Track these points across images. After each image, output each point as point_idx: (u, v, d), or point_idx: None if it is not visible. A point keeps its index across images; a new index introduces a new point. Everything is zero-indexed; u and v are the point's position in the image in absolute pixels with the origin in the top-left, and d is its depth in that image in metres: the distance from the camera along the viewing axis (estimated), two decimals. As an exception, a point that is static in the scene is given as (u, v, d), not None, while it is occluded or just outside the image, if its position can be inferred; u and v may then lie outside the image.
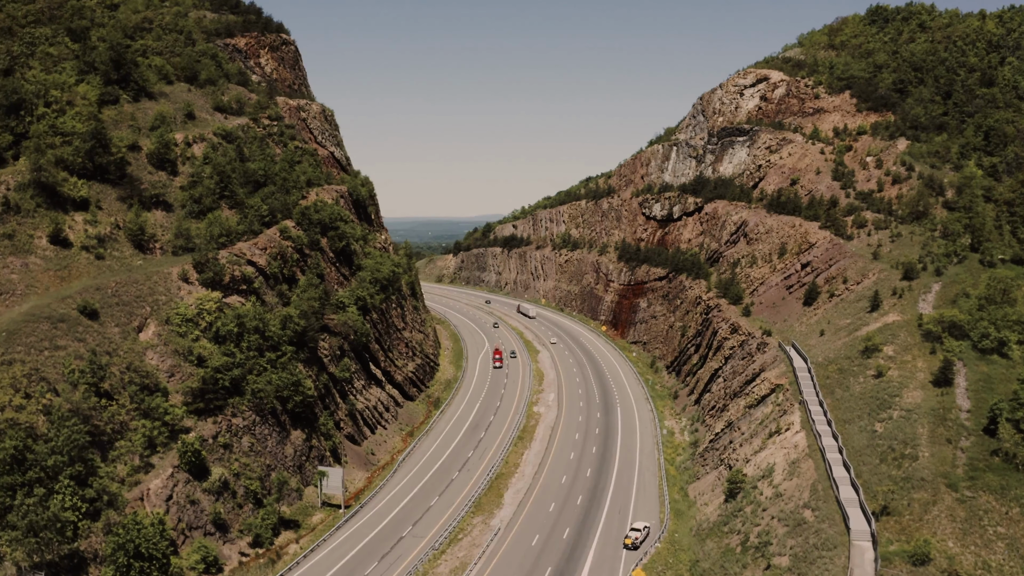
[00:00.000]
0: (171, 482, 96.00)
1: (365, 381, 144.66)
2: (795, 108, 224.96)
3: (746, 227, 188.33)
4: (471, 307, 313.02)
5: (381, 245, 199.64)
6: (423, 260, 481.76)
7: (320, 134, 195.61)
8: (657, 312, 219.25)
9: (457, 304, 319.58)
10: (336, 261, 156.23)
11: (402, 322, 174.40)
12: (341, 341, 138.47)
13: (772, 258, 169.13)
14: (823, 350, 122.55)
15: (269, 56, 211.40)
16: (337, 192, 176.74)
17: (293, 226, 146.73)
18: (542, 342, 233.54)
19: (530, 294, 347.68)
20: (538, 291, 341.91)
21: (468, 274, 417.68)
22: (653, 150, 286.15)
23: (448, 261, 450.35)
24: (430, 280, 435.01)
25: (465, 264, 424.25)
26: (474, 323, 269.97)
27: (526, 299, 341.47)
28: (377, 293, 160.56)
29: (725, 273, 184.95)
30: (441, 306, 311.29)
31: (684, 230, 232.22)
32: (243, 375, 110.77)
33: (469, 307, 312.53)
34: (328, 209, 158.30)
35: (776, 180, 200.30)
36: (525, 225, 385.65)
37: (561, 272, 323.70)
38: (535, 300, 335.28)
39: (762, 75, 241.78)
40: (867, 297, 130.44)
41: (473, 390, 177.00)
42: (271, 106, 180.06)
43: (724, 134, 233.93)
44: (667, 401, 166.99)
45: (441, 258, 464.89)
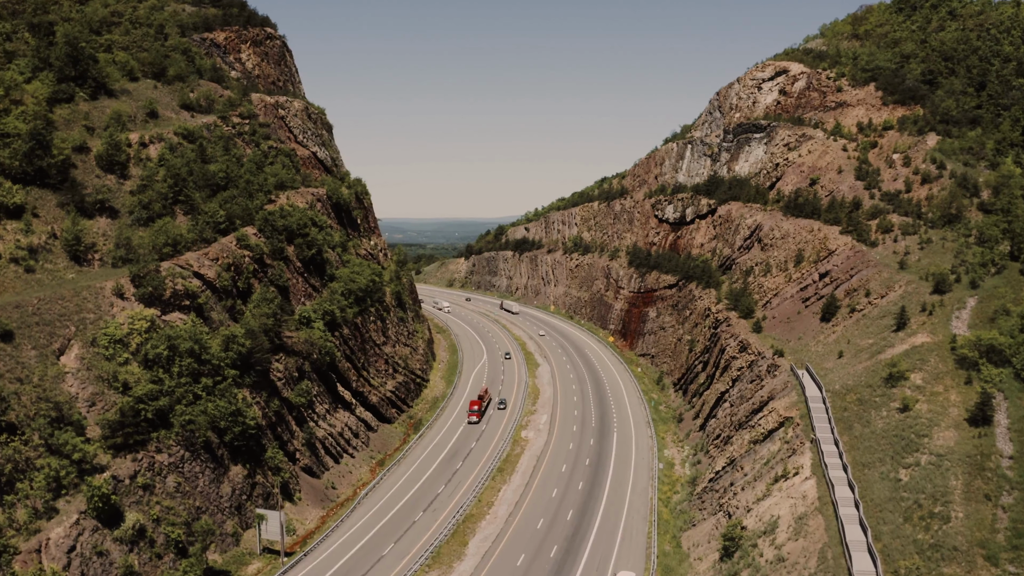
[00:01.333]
0: (75, 530, 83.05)
1: (330, 405, 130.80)
2: (816, 102, 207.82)
3: (760, 231, 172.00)
4: (476, 313, 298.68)
5: (367, 251, 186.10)
6: (435, 264, 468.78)
7: (301, 133, 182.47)
8: (666, 323, 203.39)
9: (462, 311, 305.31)
10: (304, 271, 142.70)
11: (382, 336, 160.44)
12: (300, 361, 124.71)
13: (788, 266, 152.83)
14: (841, 375, 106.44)
15: (251, 51, 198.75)
16: (313, 195, 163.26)
17: (254, 233, 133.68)
18: (544, 354, 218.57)
19: (540, 300, 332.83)
20: (548, 297, 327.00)
21: (479, 278, 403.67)
22: (667, 148, 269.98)
23: (460, 265, 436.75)
24: (441, 284, 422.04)
25: (476, 268, 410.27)
26: (476, 332, 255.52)
27: (511, 297, 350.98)
28: (351, 306, 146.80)
29: (737, 282, 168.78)
30: (444, 313, 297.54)
31: (697, 234, 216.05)
32: (171, 405, 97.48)
33: (474, 314, 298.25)
34: (297, 214, 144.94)
35: (794, 180, 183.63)
36: (537, 228, 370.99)
37: (572, 277, 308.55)
38: (545, 306, 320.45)
39: (781, 67, 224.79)
40: (892, 313, 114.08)
41: (460, 410, 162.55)
42: (244, 103, 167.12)
43: (740, 131, 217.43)
44: (670, 425, 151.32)
45: (453, 261, 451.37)
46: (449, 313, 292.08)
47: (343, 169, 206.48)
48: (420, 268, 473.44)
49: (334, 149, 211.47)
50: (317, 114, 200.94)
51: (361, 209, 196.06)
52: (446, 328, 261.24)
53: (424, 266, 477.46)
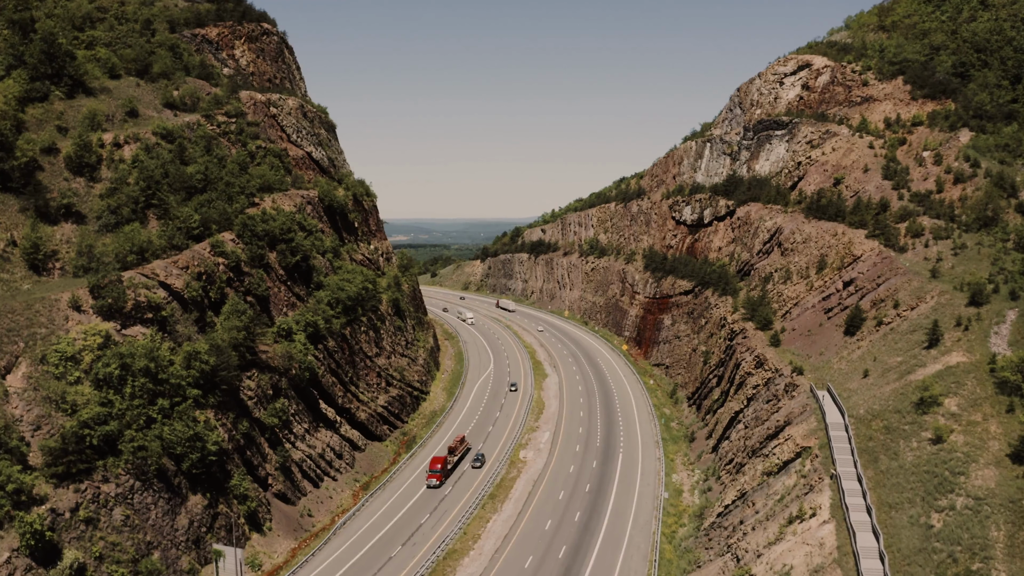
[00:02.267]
0: (5, 570, 74.76)
1: (310, 424, 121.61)
2: (841, 97, 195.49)
3: (781, 235, 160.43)
4: (489, 319, 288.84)
5: (364, 256, 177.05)
6: (450, 266, 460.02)
7: (295, 132, 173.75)
8: (681, 332, 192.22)
9: (475, 317, 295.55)
10: (287, 279, 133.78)
11: (375, 348, 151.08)
12: (275, 378, 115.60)
13: (809, 273, 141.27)
14: (866, 398, 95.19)
15: (246, 47, 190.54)
16: (303, 198, 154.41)
17: (231, 239, 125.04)
18: (554, 363, 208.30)
19: (555, 304, 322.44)
20: (563, 301, 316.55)
21: (494, 282, 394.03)
22: (686, 147, 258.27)
23: (475, 267, 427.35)
24: (456, 287, 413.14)
25: (492, 271, 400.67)
26: (485, 339, 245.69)
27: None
28: (338, 316, 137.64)
29: (755, 290, 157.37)
30: (455, 317, 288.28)
31: (714, 237, 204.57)
32: (120, 430, 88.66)
33: (486, 319, 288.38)
34: (282, 218, 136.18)
35: (817, 179, 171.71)
36: (554, 229, 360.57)
37: (587, 281, 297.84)
38: (559, 311, 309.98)
39: (804, 61, 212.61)
40: (924, 328, 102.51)
41: (458, 426, 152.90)
42: (231, 101, 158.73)
43: (760, 128, 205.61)
44: (681, 445, 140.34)
45: (469, 264, 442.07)
46: (472, 325, 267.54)
47: (343, 170, 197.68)
48: (436, 271, 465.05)
49: (334, 149, 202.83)
50: (315, 113, 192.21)
51: (360, 212, 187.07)
52: (455, 334, 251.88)
53: (440, 268, 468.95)
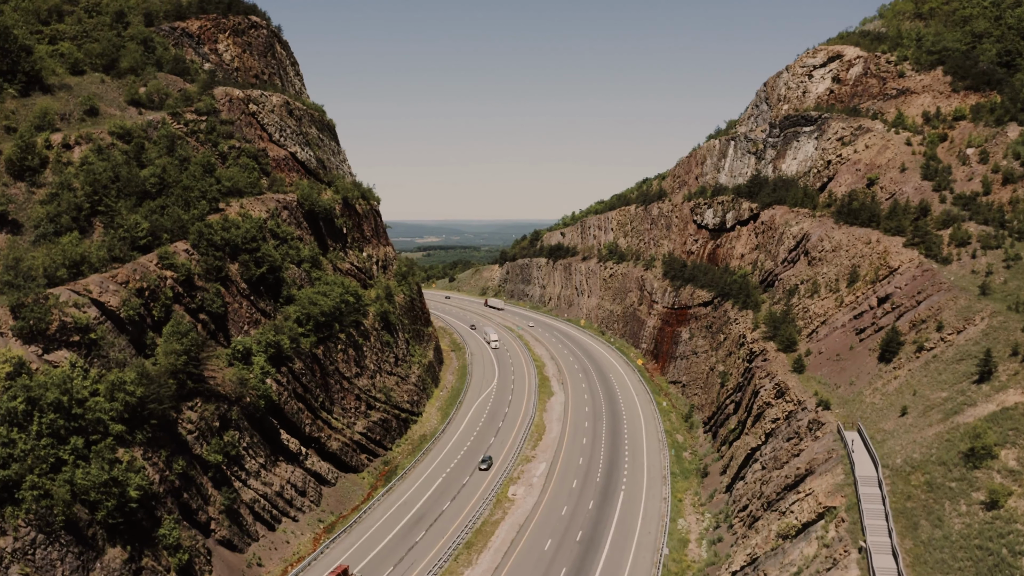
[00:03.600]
0: None
1: (266, 458, 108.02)
2: (874, 90, 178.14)
3: (808, 242, 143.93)
4: (500, 327, 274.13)
5: (353, 265, 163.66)
6: (468, 271, 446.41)
7: (278, 131, 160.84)
8: (699, 347, 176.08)
9: (486, 324, 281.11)
10: (251, 294, 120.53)
11: (355, 368, 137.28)
12: (224, 407, 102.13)
13: (839, 286, 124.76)
14: (904, 443, 79.16)
15: (230, 41, 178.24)
16: (279, 202, 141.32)
17: (185, 249, 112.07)
18: (562, 379, 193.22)
19: (573, 312, 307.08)
20: (581, 309, 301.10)
21: (512, 287, 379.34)
22: (709, 146, 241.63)
23: (494, 272, 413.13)
24: (474, 293, 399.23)
25: (510, 276, 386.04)
26: (494, 351, 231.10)
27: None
28: (307, 334, 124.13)
29: (778, 303, 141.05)
30: (465, 324, 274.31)
31: (737, 243, 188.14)
32: (22, 474, 75.73)
33: (499, 327, 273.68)
34: (247, 225, 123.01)
35: (849, 180, 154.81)
36: (573, 233, 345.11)
37: (605, 288, 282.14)
38: (575, 319, 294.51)
39: (835, 52, 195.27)
40: (973, 356, 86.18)
41: (448, 452, 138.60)
42: (204, 98, 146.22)
43: (787, 124, 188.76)
44: (692, 481, 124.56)
45: (487, 268, 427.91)
46: (497, 349, 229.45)
47: (335, 172, 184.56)
48: (454, 275, 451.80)
49: (327, 150, 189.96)
50: (304, 111, 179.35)
51: (351, 216, 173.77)
52: (462, 345, 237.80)
53: (459, 273, 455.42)
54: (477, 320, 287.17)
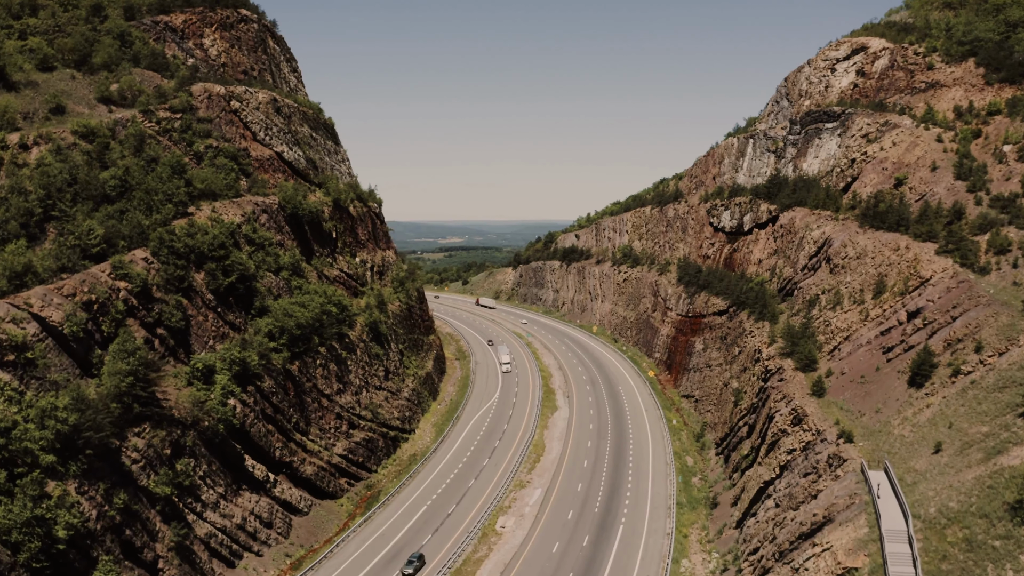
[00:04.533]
0: None
1: (226, 487, 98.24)
2: (902, 83, 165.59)
3: (830, 247, 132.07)
4: (510, 334, 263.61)
5: (342, 272, 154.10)
6: (482, 273, 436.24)
7: (263, 130, 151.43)
8: (713, 360, 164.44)
9: (495, 331, 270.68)
10: (218, 305, 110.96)
11: (336, 384, 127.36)
12: (176, 432, 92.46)
13: (864, 297, 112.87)
14: (939, 488, 67.69)
15: (217, 36, 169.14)
16: (257, 206, 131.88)
17: (144, 258, 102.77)
18: (568, 392, 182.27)
19: (586, 317, 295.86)
20: (594, 314, 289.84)
21: (525, 291, 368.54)
22: (727, 144, 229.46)
23: (507, 275, 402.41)
24: (487, 296, 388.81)
25: (523, 279, 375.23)
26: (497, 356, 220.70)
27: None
28: (280, 348, 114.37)
29: (797, 315, 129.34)
30: (475, 331, 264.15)
31: (754, 247, 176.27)
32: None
33: (508, 335, 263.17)
34: (215, 230, 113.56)
35: (875, 179, 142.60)
36: (588, 235, 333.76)
37: (619, 293, 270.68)
38: (588, 326, 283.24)
39: (859, 44, 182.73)
40: (1019, 383, 74.49)
41: (437, 475, 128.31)
42: (179, 94, 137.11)
43: (809, 120, 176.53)
44: (700, 512, 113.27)
45: (501, 271, 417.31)
46: (508, 372, 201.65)
47: (328, 172, 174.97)
48: (468, 278, 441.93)
49: (321, 149, 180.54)
50: (294, 108, 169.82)
51: (342, 220, 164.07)
52: (468, 353, 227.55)
53: (472, 275, 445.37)
54: (493, 330, 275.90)
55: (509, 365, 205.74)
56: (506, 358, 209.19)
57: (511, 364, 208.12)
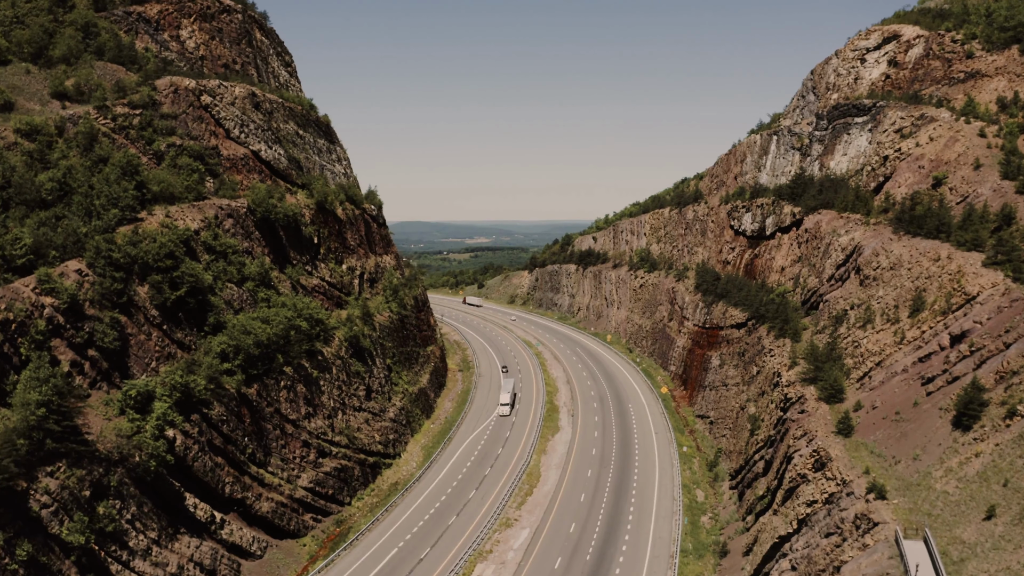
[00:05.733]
0: None
1: (160, 531, 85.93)
2: (938, 73, 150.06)
3: (859, 256, 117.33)
4: (519, 344, 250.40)
5: (323, 281, 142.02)
6: (498, 277, 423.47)
7: (237, 127, 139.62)
8: (729, 378, 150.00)
9: (505, 339, 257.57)
10: (163, 322, 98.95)
11: (304, 407, 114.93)
12: (98, 472, 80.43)
13: (899, 315, 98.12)
14: (993, 569, 53.54)
15: (195, 27, 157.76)
16: (222, 210, 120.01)
17: (78, 270, 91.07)
18: (573, 411, 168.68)
19: (601, 324, 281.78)
20: (610, 321, 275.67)
21: (541, 295, 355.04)
22: (750, 141, 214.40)
23: (523, 279, 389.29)
24: (502, 302, 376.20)
25: (539, 283, 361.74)
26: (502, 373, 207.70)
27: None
28: (234, 370, 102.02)
29: (822, 332, 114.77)
30: (484, 339, 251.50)
31: (777, 253, 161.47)
32: None
33: (516, 344, 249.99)
34: (165, 238, 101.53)
35: (909, 179, 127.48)
36: (605, 238, 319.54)
37: (635, 299, 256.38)
38: (602, 334, 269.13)
39: (891, 32, 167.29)
40: (1096, 433, 59.79)
41: (416, 509, 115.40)
42: (141, 89, 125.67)
43: (837, 114, 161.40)
44: (708, 561, 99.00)
45: (517, 275, 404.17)
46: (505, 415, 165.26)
47: (315, 172, 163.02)
48: (483, 281, 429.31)
49: (311, 148, 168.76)
50: (279, 104, 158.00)
51: (328, 224, 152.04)
52: (472, 364, 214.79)
53: (488, 279, 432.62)
54: (504, 340, 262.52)
55: (508, 408, 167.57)
56: (506, 397, 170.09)
57: (511, 407, 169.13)
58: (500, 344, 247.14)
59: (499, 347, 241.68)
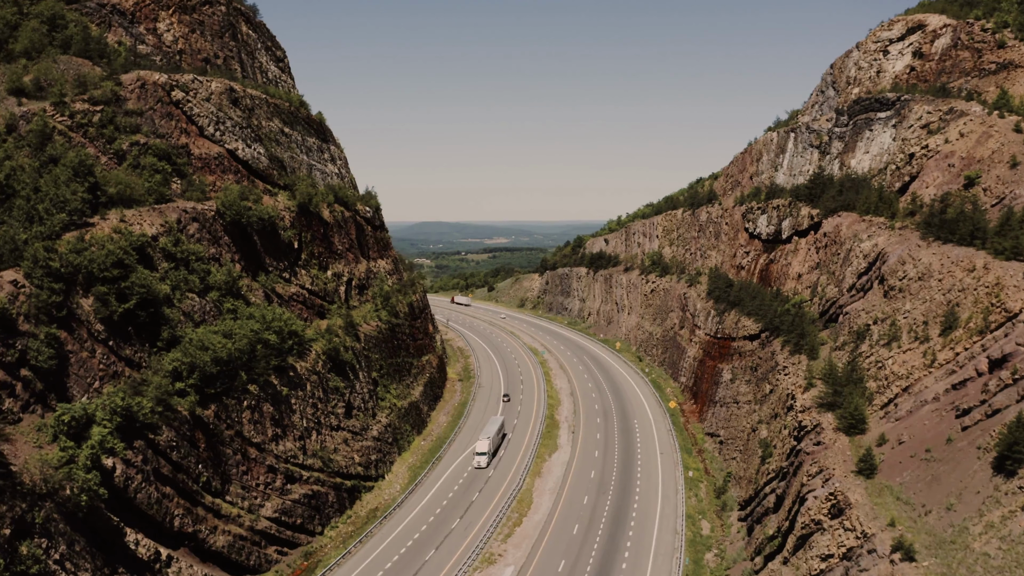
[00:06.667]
0: None
1: (94, 573, 76.74)
2: (967, 65, 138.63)
3: (884, 264, 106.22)
4: (523, 350, 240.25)
5: (305, 289, 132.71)
6: (508, 280, 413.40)
7: (212, 124, 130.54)
8: (740, 394, 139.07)
9: (509, 347, 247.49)
10: (111, 338, 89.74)
11: (271, 429, 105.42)
12: (21, 507, 71.02)
13: (929, 333, 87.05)
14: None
15: (174, 20, 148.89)
16: (186, 213, 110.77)
17: (13, 281, 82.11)
18: (574, 427, 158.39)
19: (612, 330, 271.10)
20: (620, 327, 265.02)
21: (551, 299, 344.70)
22: (766, 139, 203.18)
23: (534, 281, 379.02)
24: (512, 306, 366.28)
25: (550, 286, 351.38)
26: (505, 381, 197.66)
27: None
28: (185, 392, 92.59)
29: (843, 349, 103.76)
30: (488, 346, 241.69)
31: (793, 258, 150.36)
32: None
33: (522, 352, 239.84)
34: (112, 245, 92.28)
35: (939, 178, 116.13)
36: (617, 240, 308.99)
37: (646, 305, 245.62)
38: (611, 341, 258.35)
39: (915, 22, 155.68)
40: None
41: (393, 541, 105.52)
42: (104, 84, 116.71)
43: (858, 110, 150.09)
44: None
45: (527, 277, 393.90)
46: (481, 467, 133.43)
47: (301, 172, 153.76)
48: (494, 284, 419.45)
49: (298, 146, 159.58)
50: (261, 100, 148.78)
51: (312, 227, 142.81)
52: (474, 374, 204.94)
53: (499, 282, 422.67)
54: (509, 346, 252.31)
55: (485, 458, 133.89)
56: (484, 444, 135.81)
57: (490, 457, 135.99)
58: (505, 351, 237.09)
59: (504, 355, 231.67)
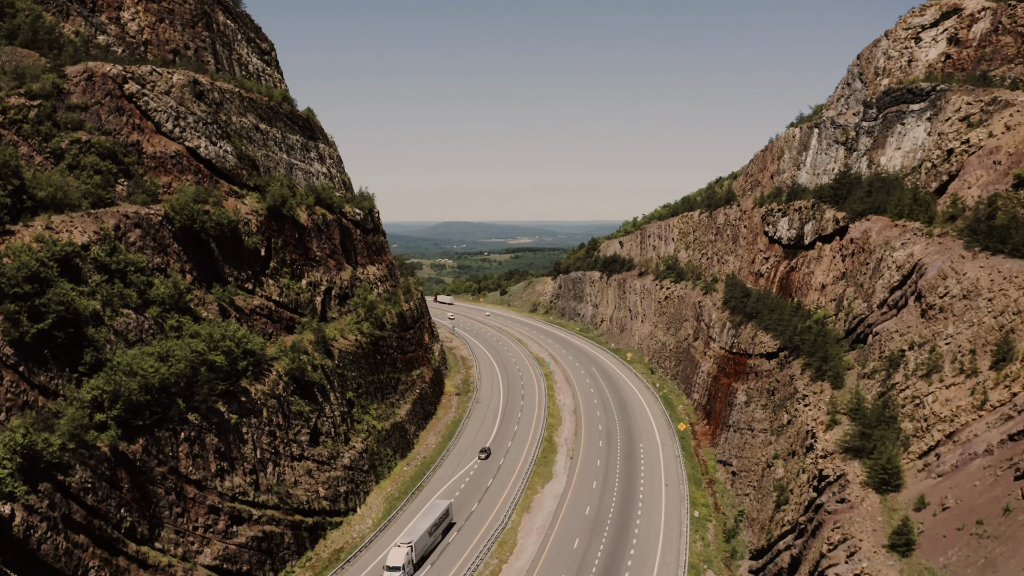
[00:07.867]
0: None
1: (-35, 657, 64.44)
2: (1010, 50, 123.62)
3: (921, 276, 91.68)
4: (526, 357, 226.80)
5: (273, 301, 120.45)
6: (521, 283, 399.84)
7: (171, 119, 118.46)
8: (756, 421, 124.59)
9: (515, 357, 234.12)
10: (22, 363, 77.44)
11: (215, 463, 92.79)
12: None
13: (978, 365, 72.55)
14: None
15: (139, 8, 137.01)
16: (127, 219, 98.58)
17: None
18: (573, 453, 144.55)
19: (625, 338, 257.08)
20: (634, 336, 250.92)
21: (564, 304, 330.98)
22: (788, 135, 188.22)
23: (547, 285, 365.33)
24: (524, 310, 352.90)
25: (562, 291, 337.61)
26: (504, 395, 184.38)
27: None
28: (106, 425, 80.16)
29: (872, 377, 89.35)
30: (493, 356, 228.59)
31: (817, 267, 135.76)
32: None
33: (527, 362, 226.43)
34: (27, 256, 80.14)
35: (982, 177, 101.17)
36: (632, 243, 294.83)
37: (660, 313, 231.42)
38: (624, 350, 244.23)
39: (950, 6, 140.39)
40: None
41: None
42: (43, 77, 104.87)
43: (888, 102, 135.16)
44: None
45: (540, 281, 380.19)
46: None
47: (279, 171, 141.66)
48: (506, 287, 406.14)
49: (276, 144, 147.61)
50: (233, 95, 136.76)
51: (283, 232, 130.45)
52: (472, 388, 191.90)
53: (512, 285, 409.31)
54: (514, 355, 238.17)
55: (399, 574, 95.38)
56: (398, 557, 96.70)
57: (403, 571, 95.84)
58: (510, 361, 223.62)
59: (508, 365, 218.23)
